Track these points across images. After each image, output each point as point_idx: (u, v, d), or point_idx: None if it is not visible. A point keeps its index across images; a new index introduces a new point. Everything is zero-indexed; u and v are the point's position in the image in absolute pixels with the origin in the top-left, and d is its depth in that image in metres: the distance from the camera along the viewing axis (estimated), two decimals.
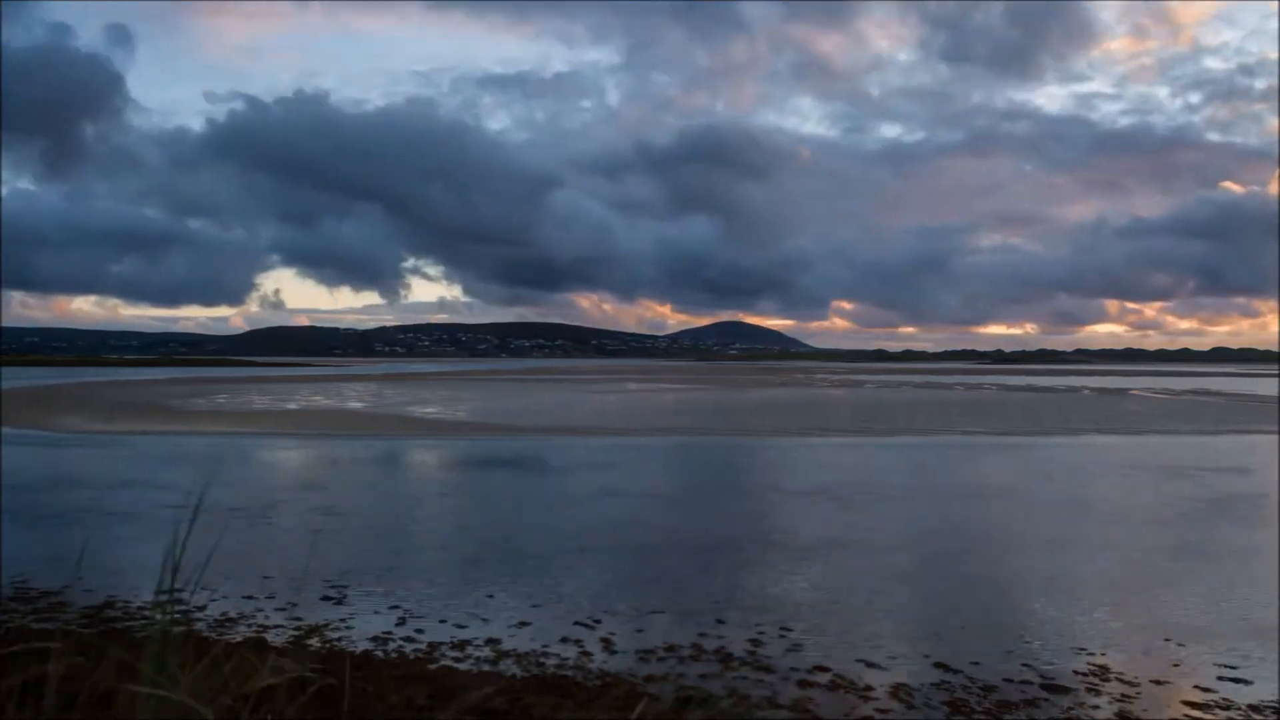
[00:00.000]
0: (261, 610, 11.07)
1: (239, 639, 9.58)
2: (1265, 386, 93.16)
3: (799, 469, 26.83)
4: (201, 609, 10.76)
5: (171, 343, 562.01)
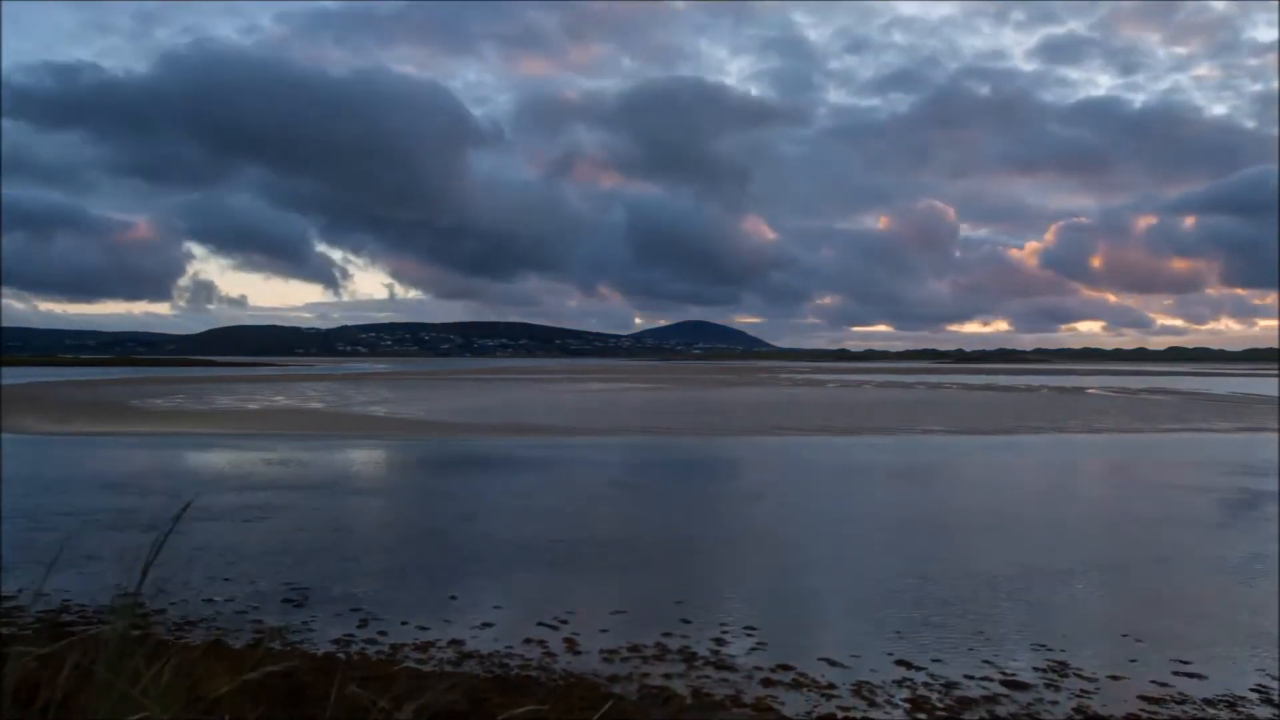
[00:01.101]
0: (221, 614, 10.95)
1: (198, 642, 9.48)
2: (1209, 385, 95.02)
3: (760, 467, 26.94)
4: (160, 613, 10.62)
5: (129, 342, 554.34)
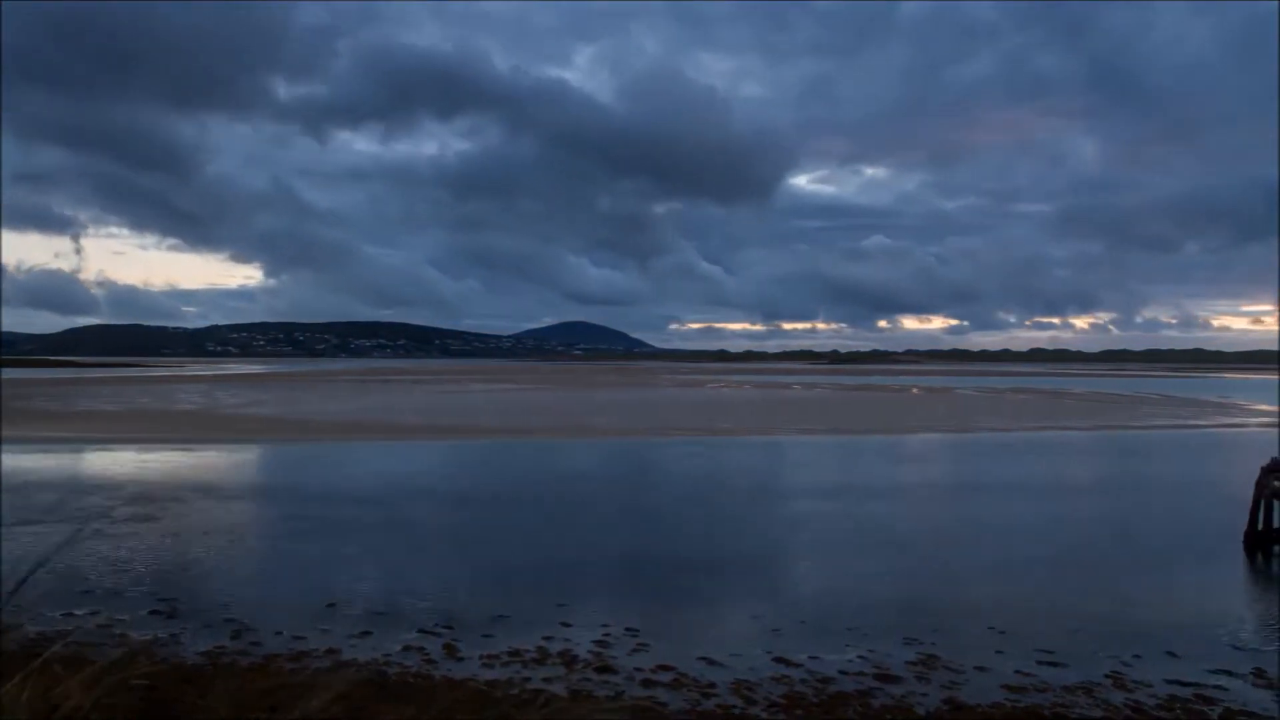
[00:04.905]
0: (82, 627, 10.49)
1: (56, 658, 9.04)
2: (1053, 384, 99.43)
3: (635, 469, 27.05)
4: (15, 629, 10.08)
5: None
